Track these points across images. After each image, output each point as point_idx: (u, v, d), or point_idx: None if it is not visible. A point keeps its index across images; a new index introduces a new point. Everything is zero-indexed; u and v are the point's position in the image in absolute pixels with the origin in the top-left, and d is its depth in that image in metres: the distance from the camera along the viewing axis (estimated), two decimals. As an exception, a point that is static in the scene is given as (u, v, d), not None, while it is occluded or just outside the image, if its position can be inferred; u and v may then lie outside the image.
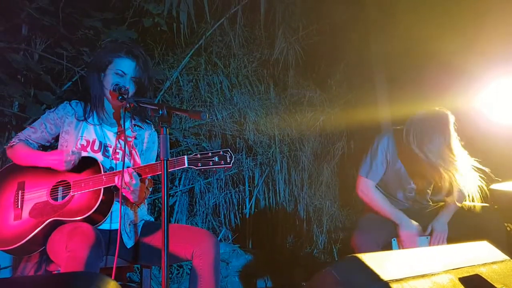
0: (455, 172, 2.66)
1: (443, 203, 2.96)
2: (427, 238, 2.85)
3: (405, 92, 4.22)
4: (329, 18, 4.99)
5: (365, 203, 2.96)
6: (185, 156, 2.08)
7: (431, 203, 3.04)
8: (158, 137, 2.51)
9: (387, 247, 2.79)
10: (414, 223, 2.78)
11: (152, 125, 2.56)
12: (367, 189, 2.91)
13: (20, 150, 2.30)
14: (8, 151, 2.35)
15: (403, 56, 4.37)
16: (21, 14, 3.29)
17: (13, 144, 2.32)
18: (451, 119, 2.70)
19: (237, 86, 4.67)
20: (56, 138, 2.41)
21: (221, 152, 2.08)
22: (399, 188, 2.94)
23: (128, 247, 2.26)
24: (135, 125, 2.49)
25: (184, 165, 2.08)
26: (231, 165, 2.06)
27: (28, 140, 2.36)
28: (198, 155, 2.08)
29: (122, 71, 2.32)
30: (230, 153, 2.08)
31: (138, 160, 2.40)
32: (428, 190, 2.95)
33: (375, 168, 2.89)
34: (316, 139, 5.07)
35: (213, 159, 2.07)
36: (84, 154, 2.28)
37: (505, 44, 3.54)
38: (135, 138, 2.45)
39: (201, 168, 2.07)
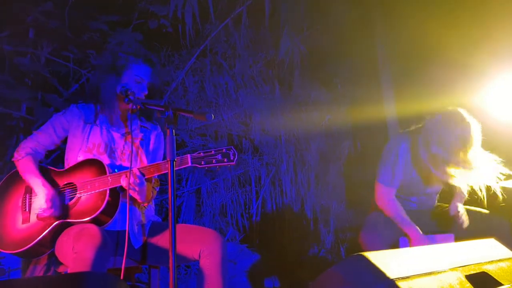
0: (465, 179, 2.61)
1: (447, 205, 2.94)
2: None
3: (411, 90, 4.21)
4: (334, 17, 4.98)
5: (372, 203, 2.94)
6: (189, 155, 2.10)
7: (437, 203, 3.03)
8: (164, 137, 2.53)
9: (395, 245, 2.78)
10: (424, 237, 2.72)
11: (158, 126, 2.58)
12: (389, 200, 2.80)
13: (23, 168, 2.30)
14: (15, 163, 2.36)
15: (409, 54, 4.36)
16: (27, 18, 3.32)
17: (20, 159, 2.33)
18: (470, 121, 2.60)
19: (243, 87, 4.68)
20: (64, 141, 2.43)
21: (224, 150, 2.09)
22: (413, 192, 2.91)
23: (136, 248, 2.28)
24: (141, 126, 2.51)
25: (188, 163, 2.09)
26: (234, 162, 2.07)
27: (36, 151, 2.36)
28: (202, 153, 2.10)
29: (140, 77, 2.38)
30: (234, 150, 2.09)
31: (144, 161, 2.42)
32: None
33: (397, 176, 2.78)
34: (322, 139, 5.06)
35: (217, 157, 2.08)
36: (89, 157, 2.31)
37: (511, 41, 3.53)
38: (142, 139, 2.47)
39: (205, 166, 2.09)
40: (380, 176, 2.83)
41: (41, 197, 2.17)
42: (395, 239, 2.79)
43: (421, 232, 2.71)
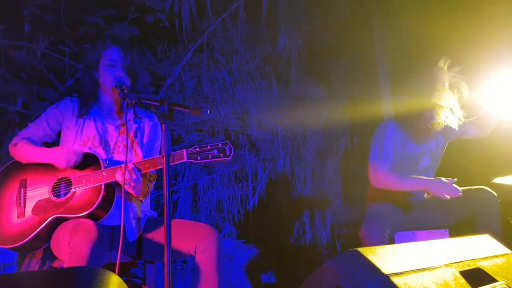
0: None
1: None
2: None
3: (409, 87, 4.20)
4: (332, 13, 4.97)
5: (373, 192, 2.92)
6: (185, 150, 2.09)
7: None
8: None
9: (392, 239, 2.78)
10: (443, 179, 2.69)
11: (154, 116, 2.57)
12: (382, 173, 2.75)
13: (23, 148, 2.31)
14: (11, 150, 2.35)
15: (407, 51, 4.36)
16: (23, 11, 3.31)
17: (16, 143, 2.33)
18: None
19: (240, 82, 4.67)
20: (59, 134, 2.42)
21: (220, 145, 2.09)
22: (409, 171, 2.89)
23: (130, 241, 2.27)
24: (136, 117, 2.49)
25: (184, 159, 2.09)
26: (230, 157, 2.07)
27: (31, 138, 2.37)
28: (198, 149, 2.10)
29: (112, 60, 2.36)
30: (230, 146, 2.09)
31: (140, 154, 2.41)
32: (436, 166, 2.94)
33: (387, 149, 2.78)
34: (319, 135, 5.06)
35: (213, 152, 2.08)
36: (84, 150, 2.30)
37: (510, 39, 3.52)
38: (136, 131, 2.46)
39: (201, 162, 2.08)
40: (370, 154, 2.84)
41: (59, 157, 2.18)
42: (395, 232, 2.79)
43: (441, 179, 2.66)
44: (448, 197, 2.58)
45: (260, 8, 4.67)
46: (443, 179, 2.64)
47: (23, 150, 2.30)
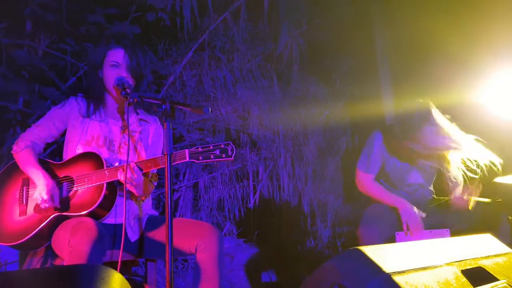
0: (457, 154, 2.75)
1: (447, 197, 2.96)
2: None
3: (409, 86, 4.20)
4: (333, 12, 4.96)
5: (368, 196, 2.99)
6: (187, 150, 2.10)
7: (435, 196, 3.04)
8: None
9: (391, 240, 2.79)
10: (415, 208, 2.81)
11: (158, 119, 2.58)
12: (366, 183, 2.99)
13: (23, 159, 2.30)
14: (14, 155, 2.36)
15: (408, 50, 4.36)
16: (25, 10, 3.31)
17: (19, 151, 2.33)
18: (433, 109, 2.77)
19: (241, 81, 4.67)
20: (63, 134, 2.43)
21: (222, 145, 2.09)
22: (400, 182, 2.95)
23: (132, 241, 2.28)
24: (140, 119, 2.50)
25: (186, 158, 2.10)
26: (232, 158, 2.08)
27: (35, 143, 2.36)
28: (200, 149, 2.10)
29: (115, 61, 2.35)
30: (232, 146, 2.09)
31: (143, 154, 2.41)
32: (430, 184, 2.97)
33: (373, 162, 2.96)
34: (320, 134, 5.05)
35: (215, 152, 2.08)
36: (88, 149, 2.30)
37: (510, 39, 3.52)
38: (140, 132, 2.46)
39: (203, 162, 2.09)
40: (359, 162, 3.05)
41: (41, 189, 2.16)
42: (392, 233, 2.81)
43: (408, 202, 2.81)
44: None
45: (261, 7, 4.67)
46: (415, 209, 2.79)
47: (22, 162, 2.30)
